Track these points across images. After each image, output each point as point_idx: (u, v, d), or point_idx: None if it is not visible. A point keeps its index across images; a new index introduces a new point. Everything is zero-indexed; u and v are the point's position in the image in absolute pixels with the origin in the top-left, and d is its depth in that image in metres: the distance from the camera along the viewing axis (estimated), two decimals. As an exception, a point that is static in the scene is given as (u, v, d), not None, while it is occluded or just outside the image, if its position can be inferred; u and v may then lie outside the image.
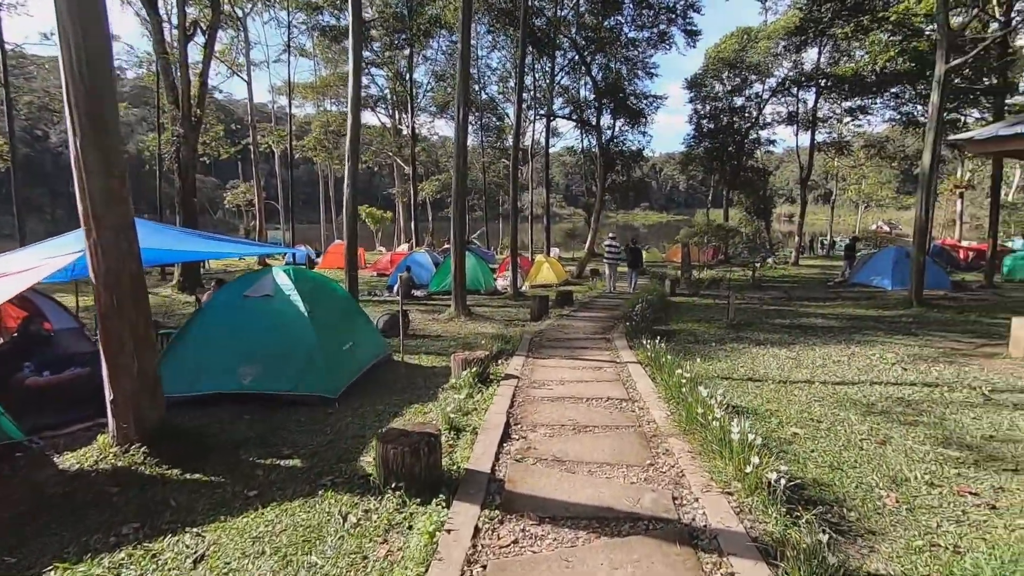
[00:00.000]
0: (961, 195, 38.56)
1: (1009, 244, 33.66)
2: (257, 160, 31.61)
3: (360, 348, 6.60)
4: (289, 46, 22.80)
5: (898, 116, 27.31)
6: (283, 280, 6.10)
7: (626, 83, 23.01)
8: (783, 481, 3.21)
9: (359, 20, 11.27)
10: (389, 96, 33.90)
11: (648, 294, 12.83)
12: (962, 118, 25.93)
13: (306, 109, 41.20)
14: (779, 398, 5.65)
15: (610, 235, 18.80)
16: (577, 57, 22.18)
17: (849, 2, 17.45)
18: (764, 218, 33.01)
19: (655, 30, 23.99)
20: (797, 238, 31.24)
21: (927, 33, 19.57)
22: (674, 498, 3.39)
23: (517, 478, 3.64)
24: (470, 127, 42.01)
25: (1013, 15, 15.64)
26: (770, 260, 26.81)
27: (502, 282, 18.17)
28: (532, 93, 27.89)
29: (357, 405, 5.55)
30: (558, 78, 23.71)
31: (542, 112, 24.75)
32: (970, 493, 3.59)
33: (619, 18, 23.22)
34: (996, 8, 15.23)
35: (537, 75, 27.85)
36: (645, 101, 25.15)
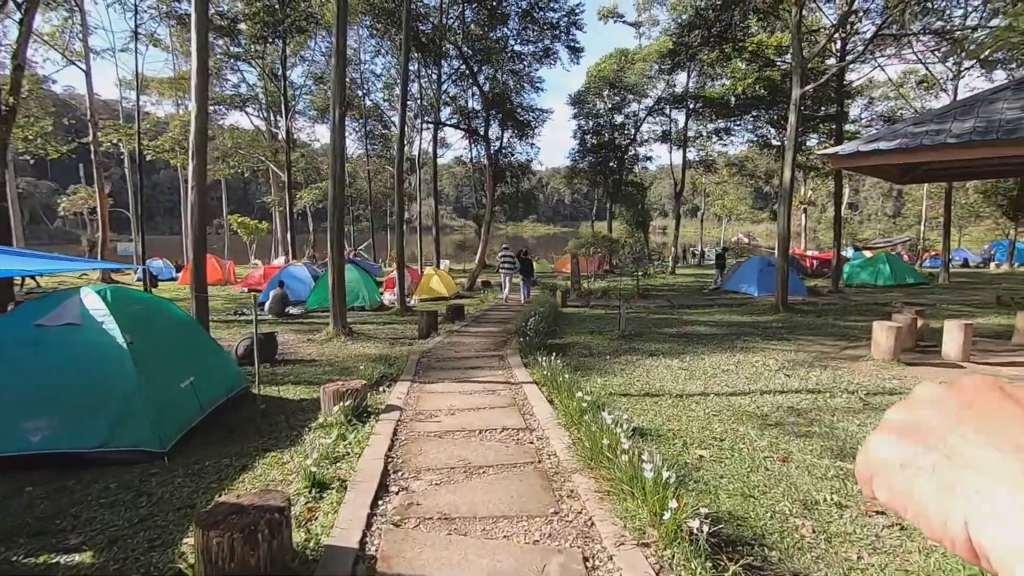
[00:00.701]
0: (805, 210, 43.77)
1: (844, 253, 38.75)
2: (100, 162, 27.45)
3: (206, 383, 5.40)
4: (137, 33, 19.94)
5: (755, 138, 30.20)
6: (94, 303, 4.78)
7: (513, 95, 23.03)
8: (705, 528, 2.78)
9: None
10: (262, 97, 31.29)
11: (540, 306, 12.54)
12: (806, 141, 29.26)
13: (165, 107, 36.87)
14: (679, 415, 5.41)
15: (504, 246, 18.70)
16: (464, 66, 21.80)
17: (715, 31, 18.83)
18: (643, 230, 34.96)
19: (540, 45, 24.35)
20: (673, 249, 33.28)
21: (779, 64, 21.79)
22: (585, 559, 2.84)
23: (393, 552, 2.88)
24: (354, 134, 40.18)
25: (847, 52, 17.79)
26: (652, 269, 28.15)
27: (389, 297, 17.09)
28: (419, 101, 27.11)
29: (195, 459, 4.43)
30: (445, 86, 23.14)
31: (429, 120, 24.02)
32: (877, 512, 3.44)
33: (505, 30, 23.28)
34: (832, 46, 17.22)
35: (423, 82, 27.14)
36: (532, 114, 25.39)
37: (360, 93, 35.91)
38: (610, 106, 33.28)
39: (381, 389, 6.49)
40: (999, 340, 8.98)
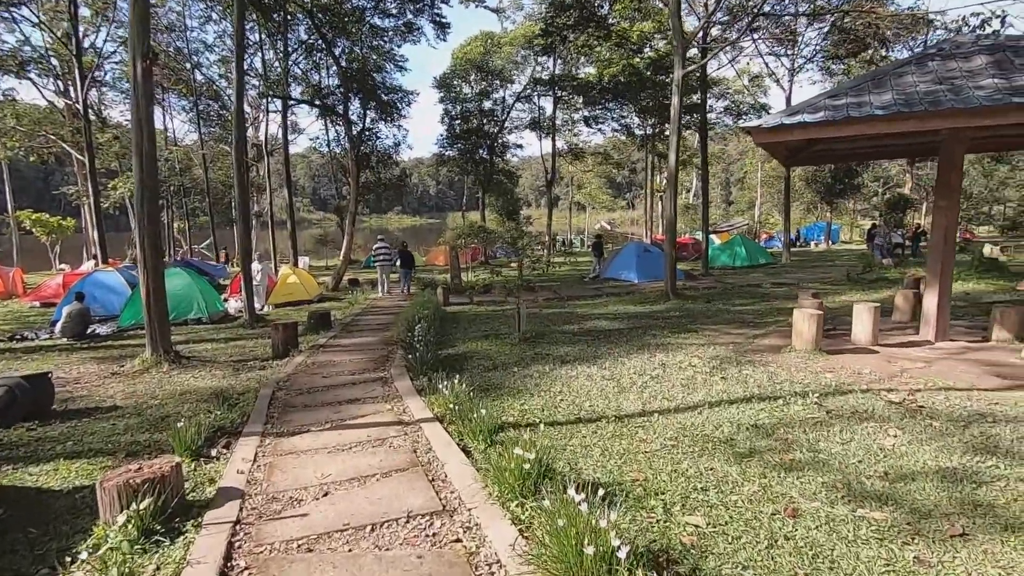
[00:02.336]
0: (661, 198, 46.59)
1: (696, 237, 41.81)
2: None
3: None
4: None
5: (619, 127, 30.94)
6: None
7: (374, 72, 20.67)
8: None
9: None
10: (55, 63, 25.20)
11: (423, 307, 10.84)
12: (665, 131, 30.56)
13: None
14: (632, 451, 4.20)
15: (379, 238, 17.52)
16: (317, 36, 19.00)
17: (585, 13, 18.34)
18: (514, 219, 34.49)
19: (402, 19, 22.20)
20: (547, 238, 33.14)
21: (646, 52, 22.15)
22: None
23: None
24: (185, 114, 34.45)
25: (710, 40, 18.29)
26: (546, 258, 27.48)
27: (235, 304, 14.21)
28: (265, 77, 23.48)
29: None
30: (294, 57, 20.07)
31: (276, 95, 20.75)
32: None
33: (363, 2, 20.79)
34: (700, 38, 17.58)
35: (269, 54, 23.55)
36: (397, 95, 23.21)
37: (188, 66, 30.75)
38: (477, 91, 32.04)
39: (215, 453, 4.46)
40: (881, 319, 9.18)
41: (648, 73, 23.12)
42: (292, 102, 20.89)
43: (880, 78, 6.56)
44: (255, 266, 14.44)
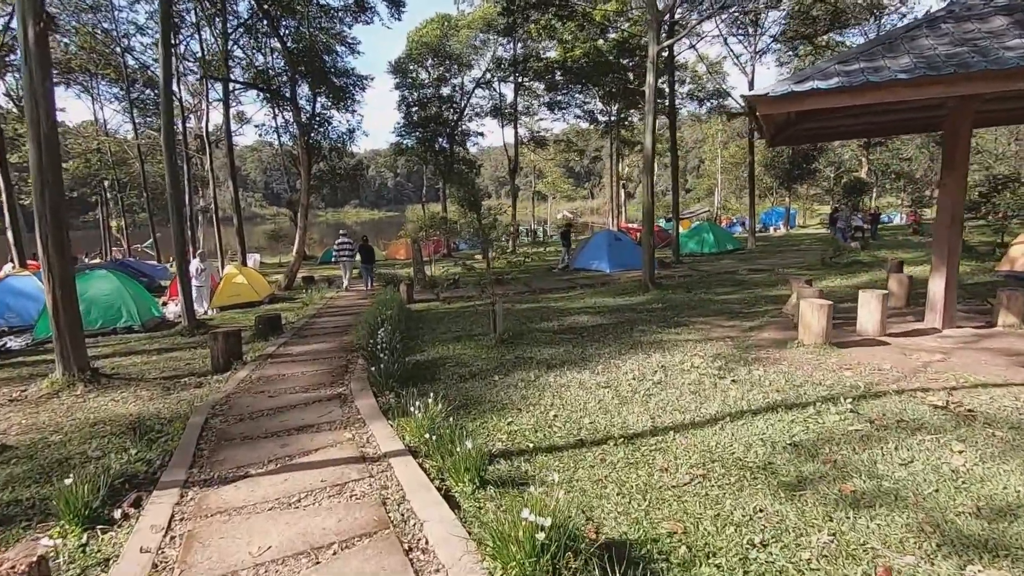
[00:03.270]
0: (624, 186, 46.34)
1: (659, 223, 41.75)
2: None
3: None
4: None
5: (582, 114, 30.24)
6: None
7: (324, 54, 19.22)
8: None
9: None
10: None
11: (385, 306, 9.80)
12: (629, 117, 30.06)
13: None
14: (653, 486, 3.39)
15: (341, 232, 16.75)
16: (259, 14, 17.42)
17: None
18: (476, 210, 33.38)
19: (352, -1, 20.76)
20: (512, 228, 32.25)
21: (609, 32, 21.43)
22: None
23: None
24: (117, 103, 31.79)
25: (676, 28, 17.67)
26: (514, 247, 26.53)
27: (174, 309, 12.81)
28: (203, 60, 21.59)
29: None
30: (235, 36, 18.39)
31: (215, 78, 19.04)
32: None
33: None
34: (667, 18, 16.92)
35: (207, 35, 21.65)
36: (349, 79, 21.77)
37: (118, 50, 28.26)
38: (435, 76, 30.74)
39: (118, 515, 3.41)
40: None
41: (612, 56, 22.42)
42: (235, 85, 19.22)
43: (891, 42, 5.93)
44: (195, 265, 13.05)
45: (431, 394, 4.78)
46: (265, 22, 16.99)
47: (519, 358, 6.86)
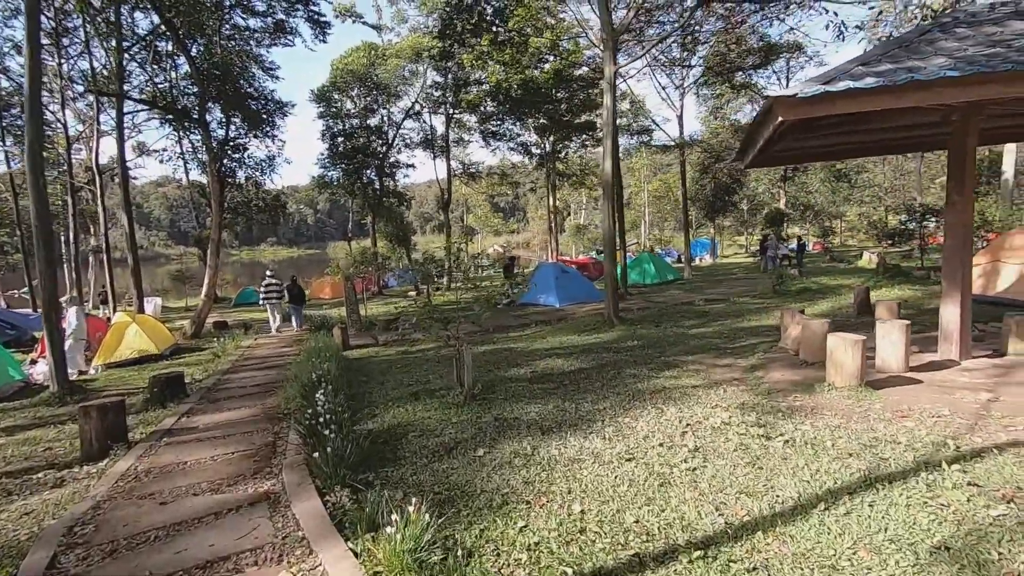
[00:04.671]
0: (554, 219, 46.40)
1: (591, 255, 41.95)
2: None
3: None
4: None
5: (515, 146, 29.73)
6: None
7: (238, 73, 17.31)
8: None
9: None
10: None
11: (318, 356, 8.09)
12: (565, 150, 29.95)
13: None
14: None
15: (268, 272, 15.24)
16: (163, 27, 15.39)
17: (485, 17, 16.76)
18: (405, 245, 31.99)
19: (271, 18, 19.08)
20: (447, 263, 30.84)
21: (547, 61, 21.08)
22: None
23: None
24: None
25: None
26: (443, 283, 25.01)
27: (43, 368, 10.29)
28: (92, 78, 18.89)
29: None
30: (135, 51, 16.13)
31: (106, 93, 16.56)
32: None
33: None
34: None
35: (96, 50, 19.05)
36: (270, 105, 19.88)
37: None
38: (361, 106, 29.26)
39: None
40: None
41: (548, 86, 22.08)
42: (132, 106, 16.79)
43: (910, 45, 5.35)
44: (71, 315, 10.65)
45: (401, 486, 3.33)
46: (169, 35, 14.99)
47: (500, 421, 5.48)
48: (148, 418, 6.79)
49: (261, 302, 16.50)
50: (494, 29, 17.55)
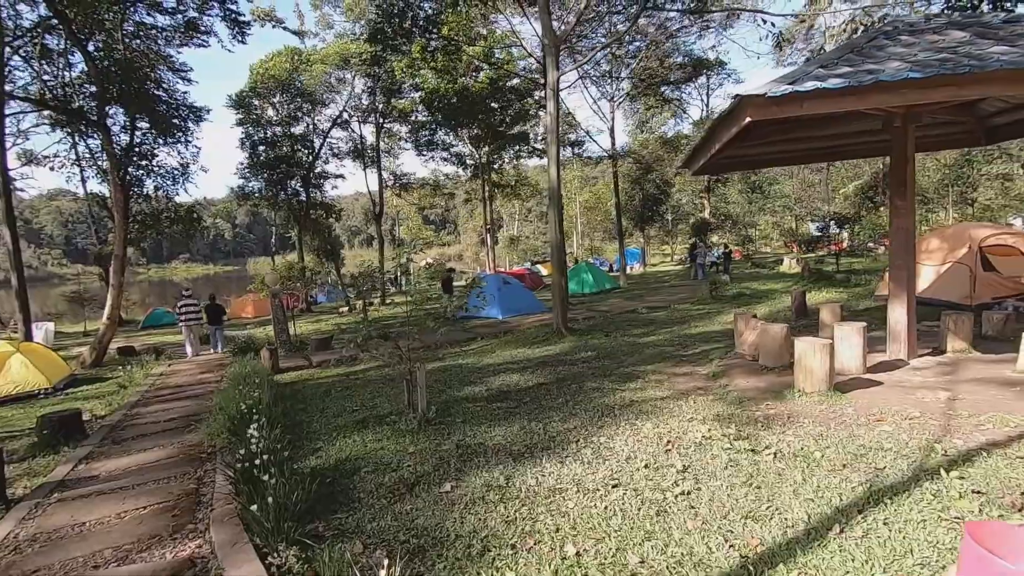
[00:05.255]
0: (489, 231, 46.19)
1: (526, 266, 42.07)
2: None
3: None
4: None
5: (450, 156, 29.23)
6: None
7: (144, 74, 15.71)
8: None
9: None
10: None
11: (246, 382, 7.18)
12: (499, 160, 29.78)
13: None
14: None
15: (184, 291, 14.26)
16: (55, 19, 13.70)
17: (419, 22, 16.19)
18: (334, 260, 30.69)
19: (183, 16, 17.58)
20: (381, 277, 29.71)
21: (483, 69, 20.81)
22: None
23: None
24: None
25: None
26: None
27: (-102, 412, 8.62)
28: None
29: None
30: (16, 45, 14.24)
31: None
32: None
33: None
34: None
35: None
36: (181, 109, 18.26)
37: None
38: (284, 114, 27.73)
39: None
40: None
41: (482, 97, 21.81)
42: (16, 107, 14.80)
43: (860, 49, 5.41)
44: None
45: (359, 535, 2.76)
46: (61, 29, 13.36)
47: (463, 447, 4.95)
48: (35, 467, 5.70)
49: (179, 323, 15.06)
50: (427, 36, 17.02)
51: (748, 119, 4.78)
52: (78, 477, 5.22)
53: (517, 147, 28.82)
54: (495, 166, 29.72)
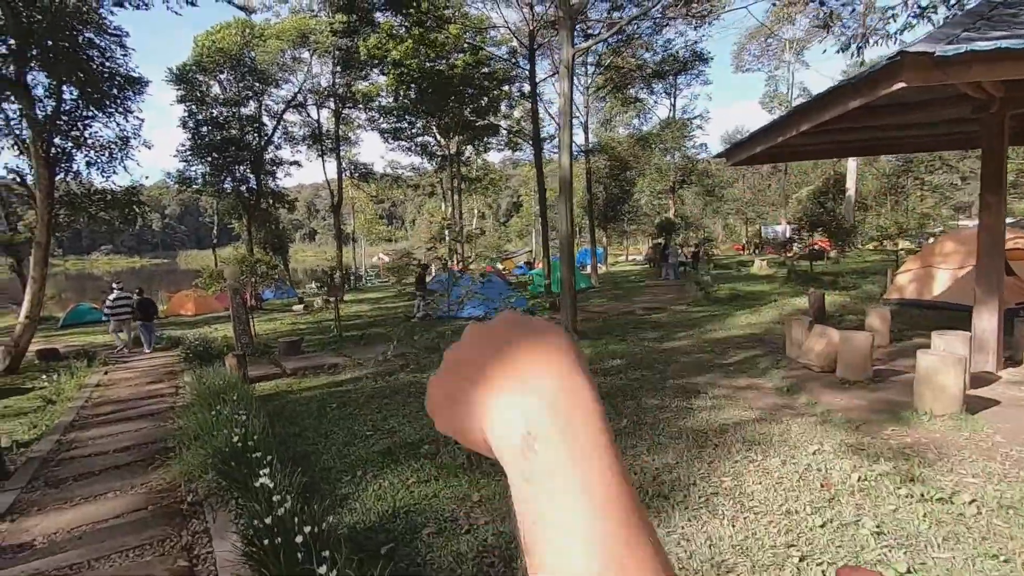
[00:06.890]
0: (450, 226, 44.70)
1: (498, 266, 40.90)
2: None
3: None
4: None
5: (415, 147, 27.70)
6: None
7: (73, 31, 13.44)
8: None
9: None
10: None
11: (220, 398, 5.73)
12: (464, 152, 28.48)
13: None
14: None
15: (115, 285, 12.83)
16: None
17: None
18: (282, 254, 28.69)
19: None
20: (338, 273, 27.79)
21: (453, 57, 19.52)
22: None
23: None
24: None
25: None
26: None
27: None
28: None
29: None
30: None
31: None
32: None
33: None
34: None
35: None
36: (117, 80, 15.93)
37: None
38: (232, 92, 25.34)
39: None
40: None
41: (457, 83, 20.48)
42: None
43: (991, 17, 4.68)
44: None
45: None
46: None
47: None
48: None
49: (108, 320, 13.10)
50: (408, 11, 15.58)
51: (901, 84, 3.92)
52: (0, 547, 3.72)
53: (486, 139, 27.62)
54: (463, 157, 28.40)
